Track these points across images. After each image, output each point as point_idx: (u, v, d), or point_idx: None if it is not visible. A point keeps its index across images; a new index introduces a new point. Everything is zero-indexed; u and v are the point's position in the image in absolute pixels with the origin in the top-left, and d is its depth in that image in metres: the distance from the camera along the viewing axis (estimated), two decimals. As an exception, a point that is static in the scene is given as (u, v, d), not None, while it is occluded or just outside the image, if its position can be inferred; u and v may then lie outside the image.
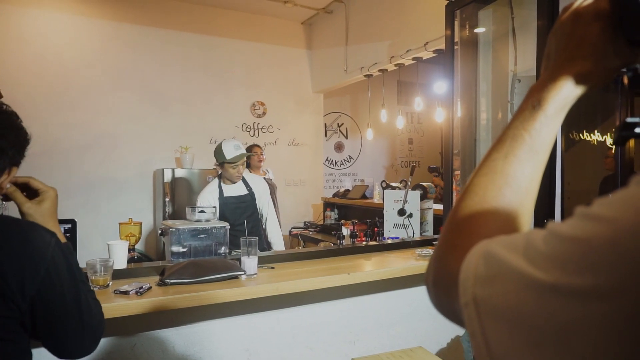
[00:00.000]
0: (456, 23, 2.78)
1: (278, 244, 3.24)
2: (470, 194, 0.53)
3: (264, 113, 5.59)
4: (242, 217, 2.95)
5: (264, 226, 3.22)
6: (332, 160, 6.86)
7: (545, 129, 0.52)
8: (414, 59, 4.14)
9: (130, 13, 4.76)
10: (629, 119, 0.49)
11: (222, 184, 3.05)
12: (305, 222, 5.43)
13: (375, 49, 4.54)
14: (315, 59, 5.81)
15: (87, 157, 4.61)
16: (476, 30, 2.88)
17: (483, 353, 0.37)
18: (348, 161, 6.96)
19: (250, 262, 1.88)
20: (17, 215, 1.06)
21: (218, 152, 2.95)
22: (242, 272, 1.87)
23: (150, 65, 4.88)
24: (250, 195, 3.10)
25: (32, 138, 1.04)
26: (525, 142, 0.52)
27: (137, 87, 4.82)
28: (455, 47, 2.81)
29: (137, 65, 4.81)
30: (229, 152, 2.92)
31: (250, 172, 4.46)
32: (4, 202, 1.11)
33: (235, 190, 3.07)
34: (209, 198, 3.00)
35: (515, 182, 0.51)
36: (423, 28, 3.85)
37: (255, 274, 1.90)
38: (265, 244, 3.18)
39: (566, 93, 0.52)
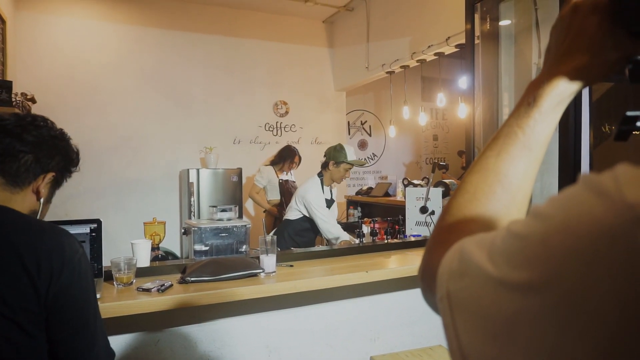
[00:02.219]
0: (477, 17, 2.73)
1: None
2: (462, 192, 0.54)
3: (287, 112, 5.63)
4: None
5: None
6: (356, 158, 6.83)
7: (540, 125, 0.52)
8: (435, 54, 4.09)
9: (155, 17, 4.88)
10: (630, 113, 0.48)
11: (323, 185, 3.20)
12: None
13: (397, 45, 4.51)
14: (336, 57, 5.81)
15: (116, 158, 4.75)
16: (500, 23, 2.82)
17: (454, 344, 0.39)
18: (372, 159, 6.93)
19: (269, 260, 1.91)
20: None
21: (339, 151, 3.11)
22: (261, 270, 1.89)
23: (175, 67, 4.98)
24: (332, 201, 3.30)
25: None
26: (518, 140, 0.52)
27: (162, 89, 4.94)
28: (477, 42, 2.76)
29: (162, 67, 4.93)
30: (351, 155, 3.10)
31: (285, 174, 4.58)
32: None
33: (327, 193, 3.25)
34: (320, 193, 3.15)
35: (507, 179, 0.52)
36: (444, 23, 3.80)
37: (274, 271, 1.93)
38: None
39: (562, 88, 0.51)
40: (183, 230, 2.51)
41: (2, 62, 3.75)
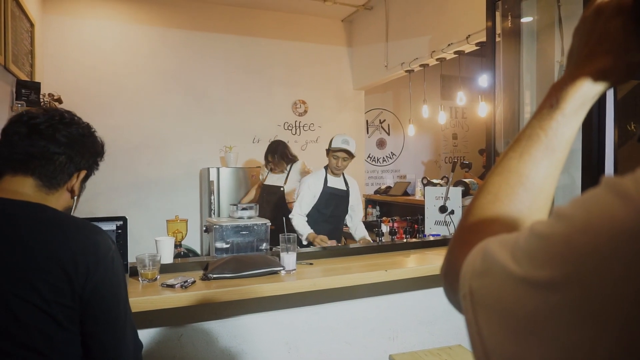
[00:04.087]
0: (498, 14, 2.70)
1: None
2: (484, 193, 0.55)
3: (305, 111, 5.65)
4: (335, 209, 3.17)
5: (349, 222, 3.35)
6: (374, 157, 6.83)
7: (563, 128, 0.52)
8: (455, 52, 4.06)
9: (176, 19, 4.96)
10: None
11: (328, 175, 3.20)
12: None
13: (416, 43, 4.49)
14: (355, 56, 5.81)
15: (138, 157, 4.85)
16: (522, 20, 2.79)
17: (477, 341, 0.40)
18: (390, 158, 6.91)
19: (289, 258, 1.93)
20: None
21: (329, 142, 3.15)
22: (281, 268, 1.92)
23: (195, 67, 5.06)
24: (347, 192, 3.24)
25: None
26: (541, 142, 0.52)
27: (183, 89, 5.02)
28: (498, 39, 2.73)
29: (182, 68, 5.01)
30: (335, 142, 3.11)
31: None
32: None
33: (336, 183, 3.22)
34: (312, 181, 3.18)
35: (529, 181, 0.52)
36: (464, 21, 3.76)
37: (294, 269, 1.95)
38: (340, 239, 3.33)
39: (585, 90, 0.51)
40: (204, 228, 2.56)
41: (31, 64, 3.87)
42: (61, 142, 1.04)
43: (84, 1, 4.59)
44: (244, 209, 2.59)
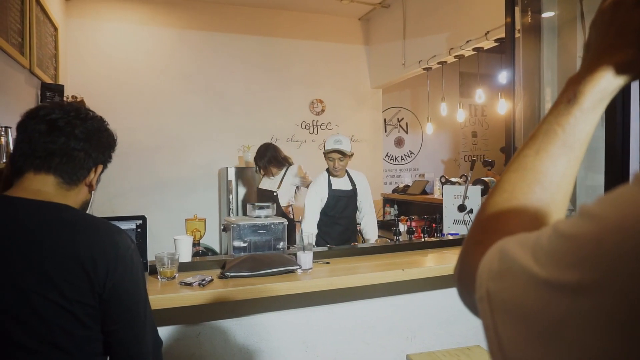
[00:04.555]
0: (517, 9, 2.65)
1: (373, 238, 3.32)
2: (499, 191, 0.53)
3: (323, 110, 5.65)
4: (343, 210, 3.11)
5: (359, 220, 3.30)
6: (392, 156, 6.79)
7: (581, 123, 0.50)
8: (474, 49, 4.00)
9: (194, 20, 5.02)
10: None
11: (331, 177, 3.15)
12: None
13: (434, 41, 4.44)
14: (373, 55, 5.78)
15: (158, 157, 4.92)
16: (542, 15, 2.73)
17: (495, 346, 0.38)
18: (408, 156, 6.86)
19: (305, 257, 1.94)
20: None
21: (324, 145, 3.12)
22: (298, 267, 1.93)
23: (213, 68, 5.11)
24: (354, 191, 3.18)
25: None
26: (558, 138, 0.51)
27: (201, 90, 5.07)
28: (517, 35, 2.68)
29: (201, 69, 5.06)
30: (327, 145, 3.07)
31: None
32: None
33: (341, 184, 3.16)
34: (316, 189, 3.13)
35: (546, 178, 0.50)
36: (483, 17, 3.71)
37: (311, 268, 1.96)
38: (353, 238, 3.27)
39: (604, 85, 0.49)
40: (222, 227, 2.58)
41: (55, 67, 3.97)
42: (80, 138, 1.05)
43: (104, 4, 4.69)
44: (261, 208, 2.60)
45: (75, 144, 1.05)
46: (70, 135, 1.04)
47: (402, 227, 2.74)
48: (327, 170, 3.17)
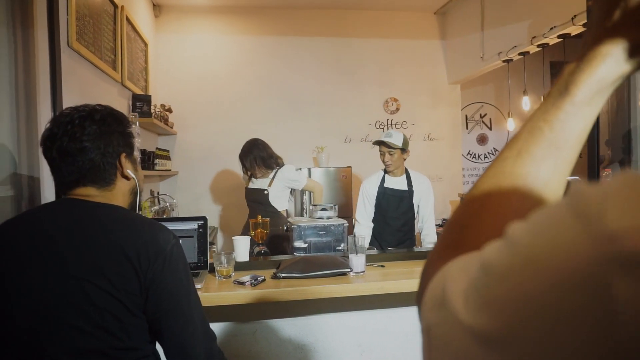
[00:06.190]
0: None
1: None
2: (470, 199, 0.47)
3: (397, 109, 5.54)
4: (396, 210, 3.00)
5: (419, 229, 3.11)
6: (475, 154, 6.46)
7: (573, 120, 0.42)
8: (559, 36, 3.67)
9: (269, 26, 5.20)
10: None
11: (386, 175, 3.06)
12: (443, 220, 5.23)
13: (514, 30, 4.14)
14: (449, 49, 5.54)
15: (237, 160, 5.18)
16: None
17: None
18: (492, 154, 6.47)
19: (357, 260, 1.92)
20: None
21: None
22: (350, 270, 1.91)
23: (288, 71, 5.25)
24: (409, 193, 3.02)
25: (194, 145, 1.24)
26: (543, 136, 0.43)
27: (277, 93, 5.24)
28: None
29: (276, 73, 5.23)
30: (379, 137, 3.01)
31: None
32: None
33: (395, 183, 3.03)
34: (367, 185, 3.10)
35: (527, 185, 0.43)
36: (568, 0, 3.38)
37: (363, 271, 1.93)
38: (411, 242, 3.11)
39: (603, 73, 0.41)
40: (285, 228, 2.65)
41: (145, 79, 4.36)
42: (87, 148, 1.11)
43: (189, 17, 5.04)
44: (323, 209, 2.63)
45: (87, 154, 1.12)
46: (80, 151, 1.11)
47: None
48: (384, 169, 3.08)
